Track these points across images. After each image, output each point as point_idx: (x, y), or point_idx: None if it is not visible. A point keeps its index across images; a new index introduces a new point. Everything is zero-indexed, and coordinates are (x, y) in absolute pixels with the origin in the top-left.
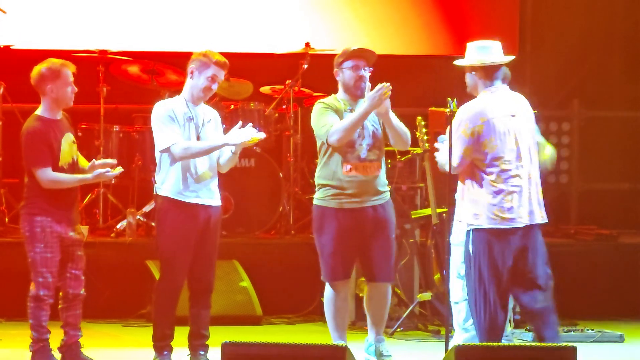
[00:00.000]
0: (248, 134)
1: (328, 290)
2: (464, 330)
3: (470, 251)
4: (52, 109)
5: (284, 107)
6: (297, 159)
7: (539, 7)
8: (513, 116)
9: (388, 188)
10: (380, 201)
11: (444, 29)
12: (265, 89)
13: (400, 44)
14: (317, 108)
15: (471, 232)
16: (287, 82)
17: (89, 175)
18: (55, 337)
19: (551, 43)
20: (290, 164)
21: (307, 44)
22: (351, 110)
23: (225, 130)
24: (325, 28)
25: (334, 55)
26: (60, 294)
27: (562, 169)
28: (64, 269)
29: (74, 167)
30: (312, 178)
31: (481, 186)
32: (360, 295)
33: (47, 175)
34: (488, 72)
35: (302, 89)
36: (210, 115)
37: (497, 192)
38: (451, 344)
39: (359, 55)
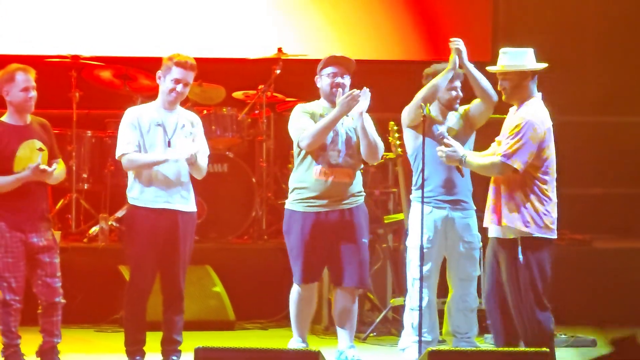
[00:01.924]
0: (189, 149)
1: (294, 289)
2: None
3: (521, 259)
4: (12, 113)
5: (257, 112)
6: (270, 164)
7: (511, 12)
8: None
9: (362, 194)
10: (349, 206)
11: (416, 34)
12: (238, 94)
13: (372, 49)
14: (294, 112)
15: (520, 239)
16: (260, 87)
17: (24, 172)
18: (35, 342)
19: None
20: (263, 169)
21: (280, 49)
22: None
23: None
24: (297, 33)
25: (307, 60)
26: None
27: None
28: (34, 276)
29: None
30: (285, 183)
31: (534, 194)
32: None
33: None
34: (535, 78)
35: (275, 94)
36: (185, 120)
37: (548, 201)
38: (401, 347)
39: (336, 62)
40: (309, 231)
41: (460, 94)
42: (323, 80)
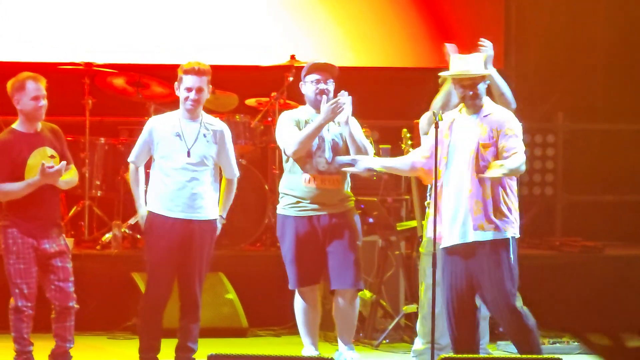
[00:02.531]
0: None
1: (297, 298)
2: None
3: (512, 259)
4: (23, 122)
5: (270, 119)
6: (283, 171)
7: (523, 20)
8: None
9: (351, 199)
10: (340, 210)
11: (428, 41)
12: (251, 102)
13: (384, 57)
14: (279, 119)
15: (512, 239)
16: (273, 94)
17: (35, 178)
18: (48, 349)
19: (535, 56)
20: (276, 176)
21: (293, 57)
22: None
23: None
24: (310, 41)
25: None
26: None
27: (547, 181)
28: (47, 281)
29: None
30: None
31: (513, 195)
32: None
33: None
34: None
35: (288, 101)
36: (207, 130)
37: (517, 201)
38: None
39: (321, 68)
40: (303, 235)
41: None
42: (307, 87)
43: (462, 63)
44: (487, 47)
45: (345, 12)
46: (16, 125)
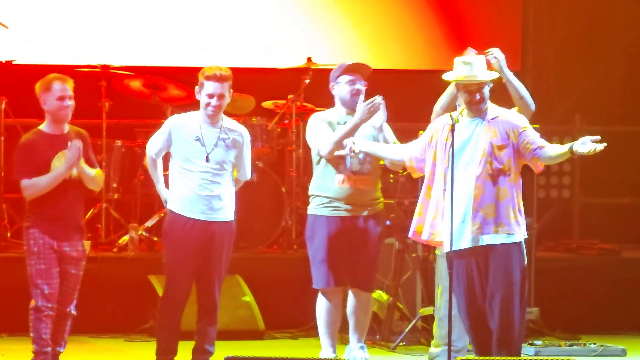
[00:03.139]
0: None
1: (320, 298)
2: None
3: (525, 260)
4: (49, 123)
5: (286, 121)
6: (300, 174)
7: (540, 21)
8: None
9: (380, 201)
10: (370, 211)
11: (445, 43)
12: (268, 104)
13: (401, 59)
14: (311, 120)
15: (522, 242)
16: (290, 96)
17: (61, 168)
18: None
19: (553, 58)
20: (293, 178)
21: (309, 59)
22: (345, 123)
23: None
24: (327, 43)
25: None
26: None
27: (564, 183)
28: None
29: (69, 184)
30: None
31: (521, 196)
32: None
33: (23, 184)
34: None
35: (304, 103)
36: (227, 135)
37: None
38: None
39: (355, 69)
40: (334, 235)
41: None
42: (341, 88)
43: (467, 68)
44: (497, 58)
45: (362, 14)
46: (42, 126)
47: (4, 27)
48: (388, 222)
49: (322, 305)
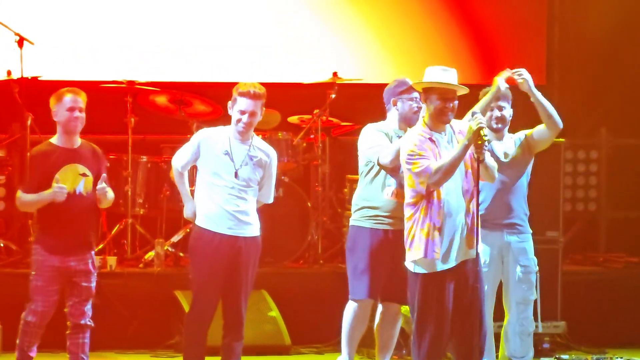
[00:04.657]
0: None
1: (351, 306)
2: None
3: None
4: (61, 135)
5: (312, 136)
6: (325, 189)
7: (566, 35)
8: None
9: None
10: None
11: (471, 58)
12: (293, 119)
13: None
14: (368, 131)
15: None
16: (315, 111)
17: (46, 193)
18: None
19: (578, 71)
20: (318, 193)
21: (335, 74)
22: (399, 137)
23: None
24: (352, 58)
25: (362, 84)
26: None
27: (590, 197)
28: (68, 298)
29: (74, 199)
30: (341, 207)
31: None
32: None
33: (17, 194)
34: None
35: (330, 118)
36: (255, 154)
37: None
38: None
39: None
40: (377, 247)
41: (500, 113)
42: (404, 104)
43: (446, 75)
44: (525, 78)
45: (387, 29)
46: (54, 139)
47: (30, 43)
48: None
49: (351, 313)
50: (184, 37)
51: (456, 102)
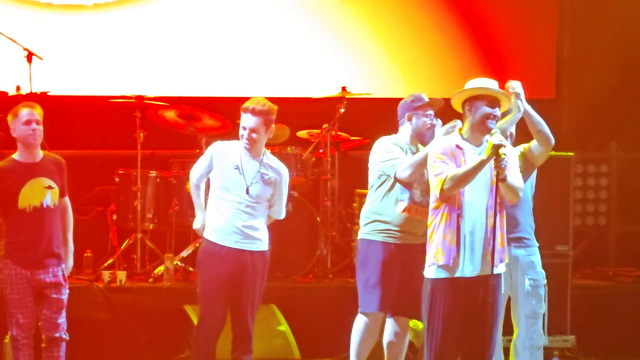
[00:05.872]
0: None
1: (360, 319)
2: None
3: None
4: (21, 150)
5: (321, 151)
6: (335, 203)
7: (575, 48)
8: None
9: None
10: (421, 241)
11: (481, 71)
12: (302, 133)
13: (436, 87)
14: (383, 144)
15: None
16: (324, 126)
17: None
18: None
19: (588, 85)
20: (328, 208)
21: (344, 88)
22: (414, 151)
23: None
24: (361, 72)
25: (371, 99)
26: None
27: (600, 211)
28: (40, 312)
29: (41, 212)
30: (350, 222)
31: None
32: None
33: None
34: None
35: (339, 132)
36: (266, 171)
37: None
38: None
39: (433, 104)
40: (388, 260)
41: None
42: (419, 119)
43: (493, 84)
44: (517, 91)
45: (396, 43)
46: (15, 155)
47: (39, 58)
48: None
49: (361, 326)
50: (193, 52)
51: (500, 113)
